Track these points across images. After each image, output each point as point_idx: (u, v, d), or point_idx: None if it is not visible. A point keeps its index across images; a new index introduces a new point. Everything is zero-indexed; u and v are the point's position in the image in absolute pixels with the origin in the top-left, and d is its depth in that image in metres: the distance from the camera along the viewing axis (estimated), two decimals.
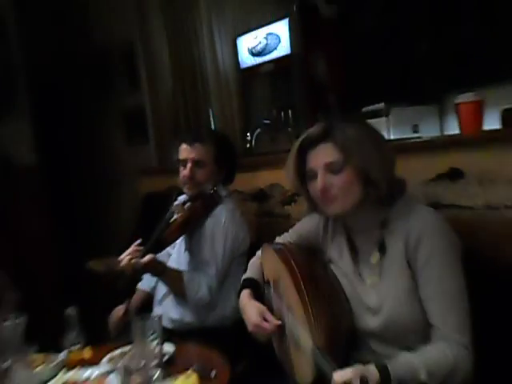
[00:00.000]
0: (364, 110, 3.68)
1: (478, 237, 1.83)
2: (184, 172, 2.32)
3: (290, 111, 4.24)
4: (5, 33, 3.90)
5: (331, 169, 1.54)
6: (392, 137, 2.96)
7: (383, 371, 1.27)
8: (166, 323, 2.28)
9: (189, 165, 2.31)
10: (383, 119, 3.60)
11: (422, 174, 2.04)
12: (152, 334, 1.56)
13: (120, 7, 4.36)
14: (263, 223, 2.74)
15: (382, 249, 1.58)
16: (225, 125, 4.37)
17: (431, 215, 1.57)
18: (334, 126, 1.58)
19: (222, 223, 2.26)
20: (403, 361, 1.38)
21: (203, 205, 2.28)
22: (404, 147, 2.20)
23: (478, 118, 1.98)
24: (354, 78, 4.33)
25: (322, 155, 1.57)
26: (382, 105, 3.64)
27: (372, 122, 3.46)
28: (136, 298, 2.49)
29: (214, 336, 2.00)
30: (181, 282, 2.19)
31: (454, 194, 1.95)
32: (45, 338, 1.70)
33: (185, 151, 2.34)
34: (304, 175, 1.64)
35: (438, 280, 1.47)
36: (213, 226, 2.27)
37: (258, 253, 1.94)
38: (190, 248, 2.35)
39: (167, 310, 2.32)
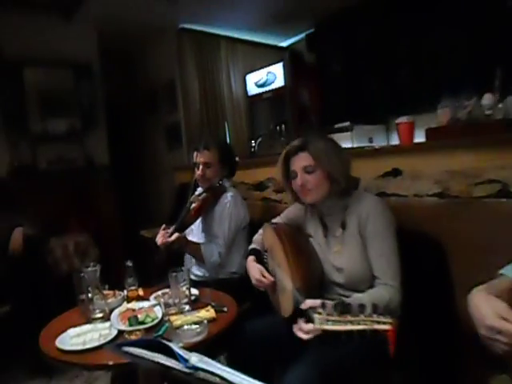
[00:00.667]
0: (335, 126, 3.70)
1: (409, 216, 1.83)
2: (197, 172, 2.29)
3: (283, 125, 4.26)
4: (92, 75, 4.01)
5: (307, 170, 1.57)
6: (355, 145, 2.97)
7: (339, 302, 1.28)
8: (193, 277, 2.31)
9: (200, 167, 2.28)
10: (348, 133, 3.63)
11: (374, 172, 2.01)
12: (183, 281, 1.57)
13: (165, 53, 4.37)
14: (263, 206, 2.73)
15: (344, 226, 1.60)
16: (236, 135, 4.41)
17: (375, 201, 1.59)
18: (308, 140, 1.60)
19: (228, 207, 2.23)
20: (355, 297, 1.44)
21: (212, 195, 2.26)
22: (362, 153, 2.16)
23: (411, 134, 1.97)
24: (327, 104, 4.35)
25: (301, 160, 1.59)
26: (347, 123, 3.66)
27: (341, 134, 3.51)
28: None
29: (226, 286, 2.00)
30: (199, 251, 2.19)
31: (395, 186, 1.94)
32: (114, 280, 1.78)
33: (196, 156, 2.31)
34: (288, 175, 1.65)
35: (380, 246, 1.51)
36: (220, 209, 2.25)
37: (260, 231, 1.93)
38: (205, 226, 2.32)
39: (193, 268, 2.33)
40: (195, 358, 0.79)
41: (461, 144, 1.67)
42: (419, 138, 2.05)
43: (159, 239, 2.10)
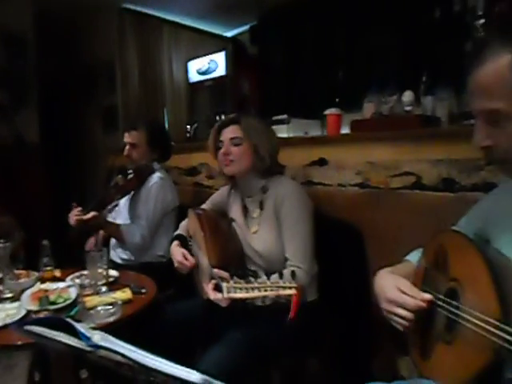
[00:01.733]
0: (273, 118, 3.71)
1: (333, 204, 1.88)
2: (124, 152, 2.25)
3: (222, 115, 4.21)
4: (25, 49, 3.75)
5: (234, 142, 1.59)
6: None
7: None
8: (118, 260, 2.24)
9: (127, 147, 2.23)
10: (285, 126, 3.65)
11: (302, 161, 2.04)
12: (101, 262, 1.51)
13: (105, 33, 4.18)
14: (194, 191, 2.69)
15: (262, 207, 1.61)
16: (175, 120, 4.31)
17: (292, 185, 1.62)
18: (242, 115, 1.66)
19: (154, 189, 2.17)
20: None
21: (137, 176, 2.20)
22: (290, 141, 2.18)
23: (338, 126, 2.00)
24: (267, 95, 4.35)
25: (230, 132, 1.62)
26: (285, 116, 3.68)
27: (278, 127, 3.51)
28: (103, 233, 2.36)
29: (153, 269, 1.95)
30: (119, 232, 2.12)
31: (321, 175, 1.97)
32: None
33: (125, 137, 2.27)
34: (218, 146, 1.66)
35: (292, 228, 1.52)
36: (146, 190, 2.19)
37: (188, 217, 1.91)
38: (131, 207, 2.25)
39: (118, 251, 2.25)
40: (98, 337, 0.76)
41: (381, 137, 1.73)
42: (346, 130, 2.09)
43: (72, 218, 2.02)
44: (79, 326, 0.78)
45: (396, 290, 0.96)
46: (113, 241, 2.29)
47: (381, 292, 1.01)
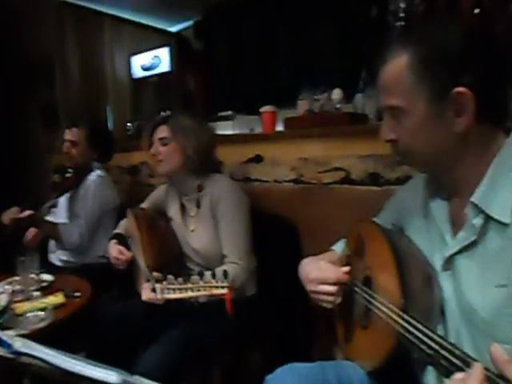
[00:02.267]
0: (219, 114, 3.71)
1: (269, 200, 1.93)
2: (63, 149, 2.20)
3: (168, 111, 4.15)
4: None
5: (162, 142, 1.61)
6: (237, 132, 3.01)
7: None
8: (58, 263, 2.19)
9: (66, 144, 2.19)
10: (230, 122, 3.66)
11: (239, 158, 2.07)
12: (33, 267, 1.48)
13: (43, 27, 4.01)
14: (135, 190, 2.66)
15: (198, 206, 1.63)
16: (118, 117, 4.20)
17: (228, 183, 1.65)
18: (172, 115, 1.68)
19: (92, 187, 2.14)
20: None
21: (75, 175, 2.18)
22: (228, 139, 2.19)
23: (273, 123, 2.04)
24: (212, 92, 4.35)
25: (159, 132, 1.63)
26: (229, 112, 3.69)
27: (223, 123, 3.51)
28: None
29: (94, 271, 1.95)
30: (57, 231, 2.08)
31: (257, 172, 2.01)
32: None
33: (65, 133, 2.22)
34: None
35: (229, 226, 1.56)
36: (84, 189, 2.16)
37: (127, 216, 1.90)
38: (69, 206, 2.21)
39: (58, 253, 2.20)
40: (19, 343, 0.77)
41: (312, 134, 1.78)
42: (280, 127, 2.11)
43: (5, 217, 1.97)
44: (0, 334, 0.78)
45: (317, 269, 1.03)
46: (51, 243, 2.24)
47: (304, 276, 1.07)
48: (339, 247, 1.24)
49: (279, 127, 2.07)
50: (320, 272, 1.02)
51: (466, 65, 0.76)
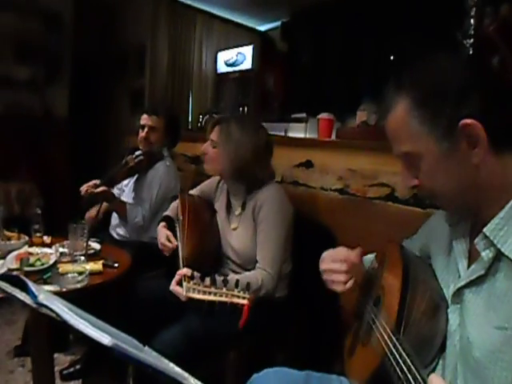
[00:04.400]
0: (292, 116, 3.76)
1: (313, 207, 1.95)
2: (141, 134, 2.34)
3: (246, 107, 4.28)
4: (63, 25, 3.95)
5: (212, 144, 1.67)
6: (308, 136, 3.01)
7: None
8: (116, 237, 2.37)
9: (145, 129, 2.33)
10: (303, 124, 3.69)
11: (291, 161, 2.10)
12: (82, 234, 1.64)
13: (140, 17, 4.33)
14: (195, 179, 2.79)
15: (244, 207, 1.68)
16: (198, 109, 4.42)
17: (273, 191, 1.64)
18: (225, 119, 1.69)
19: (159, 175, 2.28)
20: (231, 275, 1.54)
21: (147, 159, 2.30)
22: (281, 142, 2.17)
23: (330, 130, 2.05)
24: (291, 93, 4.41)
25: (214, 133, 1.69)
26: (303, 115, 3.71)
27: (296, 125, 3.53)
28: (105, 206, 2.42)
29: (147, 248, 2.07)
30: (124, 209, 2.24)
31: (306, 177, 2.04)
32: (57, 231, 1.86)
33: (144, 119, 2.35)
34: None
35: (265, 233, 1.58)
36: (152, 175, 2.30)
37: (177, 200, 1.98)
38: (136, 189, 2.37)
39: (117, 229, 2.38)
40: (43, 296, 0.86)
41: (363, 146, 1.77)
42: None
43: (83, 188, 2.15)
44: (30, 285, 0.91)
45: (331, 250, 1.08)
46: (113, 217, 2.43)
47: (320, 259, 1.08)
48: (368, 259, 1.24)
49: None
50: (333, 251, 1.06)
51: (466, 96, 0.75)
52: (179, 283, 1.37)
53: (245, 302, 1.13)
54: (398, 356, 0.76)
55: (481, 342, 0.75)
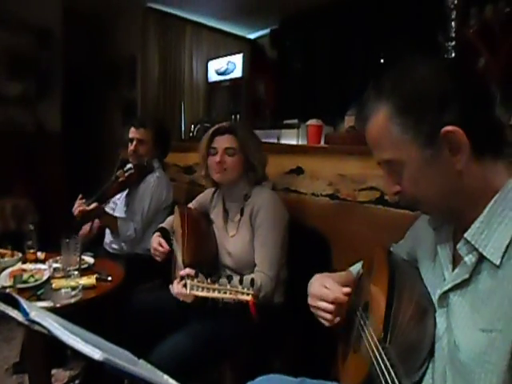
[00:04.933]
0: (284, 122, 3.77)
1: (305, 212, 1.96)
2: (130, 147, 2.35)
3: (237, 115, 4.31)
4: (53, 41, 3.97)
5: (228, 152, 1.67)
6: (300, 143, 3.03)
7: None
8: (110, 250, 2.38)
9: (134, 142, 2.34)
10: (295, 130, 3.70)
11: (282, 168, 2.11)
12: (75, 249, 1.65)
13: (130, 30, 4.37)
14: (188, 189, 2.80)
15: (242, 213, 1.70)
16: (191, 118, 4.45)
17: (270, 197, 1.68)
18: (238, 126, 1.76)
19: (151, 187, 2.29)
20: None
21: (138, 172, 2.31)
22: (272, 149, 2.16)
23: (319, 136, 2.06)
24: (281, 100, 4.44)
25: (225, 141, 1.68)
26: (295, 121, 3.73)
27: (287, 131, 3.53)
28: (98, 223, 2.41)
29: (140, 260, 2.09)
30: (115, 224, 2.25)
31: (297, 183, 2.04)
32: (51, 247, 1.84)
33: (132, 132, 2.36)
34: (208, 152, 1.73)
35: (263, 237, 1.61)
36: (144, 188, 2.31)
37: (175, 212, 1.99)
38: (128, 203, 2.38)
39: (112, 244, 2.39)
40: (34, 313, 0.87)
41: (352, 151, 1.79)
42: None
43: (76, 209, 2.14)
44: (22, 302, 0.91)
45: (320, 285, 1.05)
46: (107, 234, 2.44)
47: (309, 290, 1.08)
48: (355, 269, 1.24)
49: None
50: (321, 289, 1.04)
51: (447, 103, 0.74)
52: (183, 284, 1.38)
53: (249, 298, 1.17)
54: (383, 366, 0.76)
55: (467, 344, 0.76)
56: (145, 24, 4.26)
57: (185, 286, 1.30)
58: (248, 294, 1.17)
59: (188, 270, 1.37)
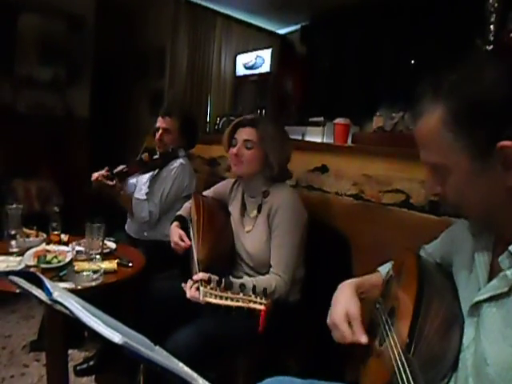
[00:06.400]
0: (310, 120, 3.76)
1: (327, 211, 1.95)
2: (156, 136, 2.38)
3: (263, 110, 4.30)
4: (85, 27, 4.03)
5: (247, 145, 1.65)
6: (325, 141, 3.01)
7: (224, 279, 1.37)
8: (132, 234, 2.41)
9: (160, 131, 2.37)
10: (320, 128, 3.68)
11: (306, 165, 2.10)
12: (98, 234, 1.67)
13: (161, 20, 4.39)
14: (210, 181, 2.80)
15: (259, 209, 1.68)
16: (216, 111, 4.45)
17: (289, 196, 1.66)
18: (261, 119, 1.72)
19: (173, 172, 2.30)
20: (245, 279, 1.53)
21: (161, 158, 2.34)
22: (298, 146, 2.16)
23: (346, 135, 2.05)
24: (307, 97, 4.42)
25: (246, 133, 1.67)
26: (321, 118, 3.71)
27: (313, 128, 3.53)
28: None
29: (162, 247, 2.05)
30: (129, 204, 2.27)
31: (321, 181, 2.03)
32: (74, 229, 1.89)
33: (159, 121, 2.40)
34: (231, 142, 1.72)
35: (280, 238, 1.59)
36: (166, 173, 2.33)
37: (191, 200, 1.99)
38: (150, 185, 2.38)
39: (133, 225, 2.42)
40: (57, 293, 0.89)
41: (378, 152, 1.77)
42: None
43: (96, 174, 2.19)
44: (46, 282, 0.93)
45: (343, 315, 0.98)
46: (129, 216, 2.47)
47: (333, 306, 1.03)
48: (384, 270, 1.22)
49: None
50: (342, 322, 0.97)
51: (509, 114, 0.68)
52: (197, 288, 1.36)
53: (262, 307, 1.14)
54: (405, 379, 0.74)
55: (495, 358, 0.73)
56: (175, 15, 4.27)
57: (198, 289, 1.31)
58: (261, 304, 1.14)
59: (201, 275, 1.36)
